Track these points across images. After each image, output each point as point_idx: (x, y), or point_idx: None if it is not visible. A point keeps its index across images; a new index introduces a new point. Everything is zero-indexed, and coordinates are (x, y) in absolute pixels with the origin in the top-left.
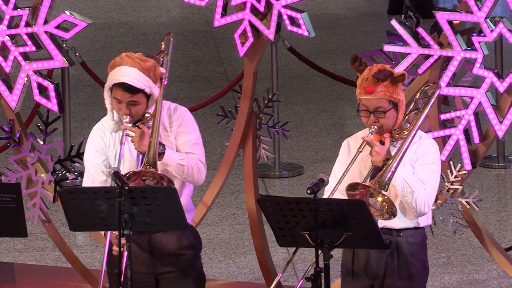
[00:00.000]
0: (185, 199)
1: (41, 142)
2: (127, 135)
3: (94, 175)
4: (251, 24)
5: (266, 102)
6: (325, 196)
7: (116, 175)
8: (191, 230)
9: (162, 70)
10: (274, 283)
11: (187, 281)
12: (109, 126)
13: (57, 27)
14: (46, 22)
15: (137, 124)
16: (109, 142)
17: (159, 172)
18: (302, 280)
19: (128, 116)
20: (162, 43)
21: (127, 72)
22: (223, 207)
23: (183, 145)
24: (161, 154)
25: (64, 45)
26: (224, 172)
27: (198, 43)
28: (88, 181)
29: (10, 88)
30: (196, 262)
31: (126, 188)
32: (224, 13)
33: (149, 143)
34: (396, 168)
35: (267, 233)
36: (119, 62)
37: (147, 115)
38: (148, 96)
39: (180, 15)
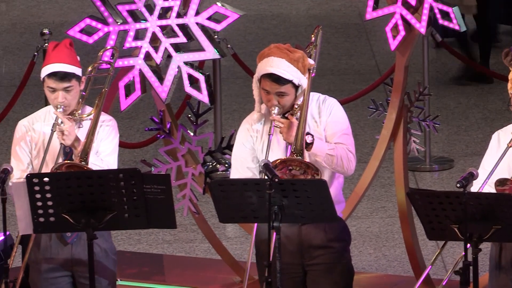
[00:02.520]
0: (335, 190)
1: (192, 134)
2: (276, 126)
3: (241, 170)
4: (402, 17)
5: (417, 95)
6: (474, 189)
7: (266, 167)
8: (340, 223)
9: (311, 61)
10: (423, 276)
11: (335, 274)
12: (256, 118)
13: (209, 18)
14: (197, 13)
15: (285, 115)
16: (256, 134)
17: (306, 160)
18: (450, 273)
19: (277, 107)
20: (312, 35)
21: (275, 63)
22: (373, 200)
23: (333, 136)
24: (310, 144)
25: (216, 36)
26: (375, 165)
27: (350, 36)
28: (234, 175)
29: (161, 79)
30: (344, 255)
31: (276, 180)
32: (376, 6)
33: (296, 132)
34: None
35: (417, 226)
36: (267, 53)
37: (295, 106)
38: (296, 87)
39: (332, 7)
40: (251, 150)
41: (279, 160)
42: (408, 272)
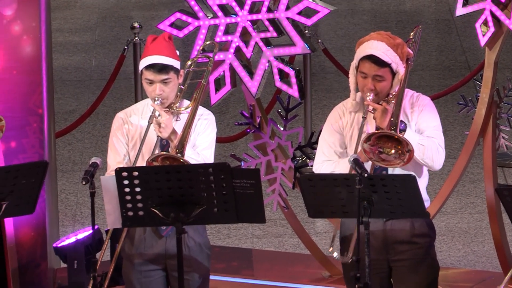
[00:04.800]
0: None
1: (282, 128)
2: (370, 111)
3: (327, 153)
4: (492, 13)
5: (506, 91)
6: None
7: (356, 162)
8: (424, 218)
9: (410, 51)
10: (510, 272)
11: (420, 269)
12: (351, 106)
13: (299, 13)
14: (288, 8)
15: (379, 103)
16: (347, 122)
17: (399, 134)
18: None
19: (372, 93)
20: (412, 33)
21: (375, 45)
22: (462, 195)
23: (423, 130)
24: (402, 132)
25: (306, 31)
26: (464, 160)
27: (440, 32)
28: (319, 159)
29: (251, 74)
30: (429, 251)
31: (366, 175)
32: (466, 2)
33: (390, 118)
34: None
35: (506, 222)
36: (367, 38)
37: (390, 96)
38: (393, 74)
39: (423, 3)
40: (340, 135)
41: (374, 135)
42: (497, 268)
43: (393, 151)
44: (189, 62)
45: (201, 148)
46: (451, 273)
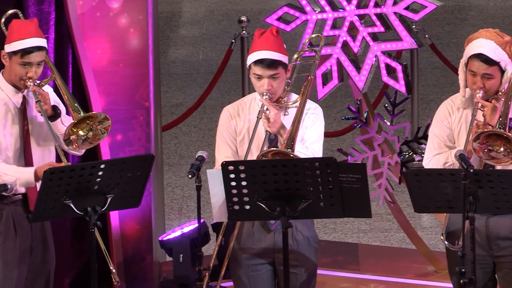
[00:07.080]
0: None
1: (388, 123)
2: (479, 108)
3: (437, 147)
4: None
5: None
6: None
7: (461, 157)
8: None
9: None
10: None
11: None
12: (460, 102)
13: (407, 8)
14: (395, 3)
15: (489, 100)
16: (455, 118)
17: (508, 133)
18: None
19: (481, 91)
20: None
21: (483, 44)
22: None
23: None
24: (511, 130)
25: (413, 26)
26: None
27: None
28: (430, 153)
29: (358, 69)
30: None
31: (472, 170)
32: None
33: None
34: None
35: None
36: (476, 36)
37: (499, 93)
38: (502, 72)
39: None
40: (449, 130)
41: (483, 134)
42: None
43: (502, 149)
44: (295, 56)
45: (310, 142)
46: None
